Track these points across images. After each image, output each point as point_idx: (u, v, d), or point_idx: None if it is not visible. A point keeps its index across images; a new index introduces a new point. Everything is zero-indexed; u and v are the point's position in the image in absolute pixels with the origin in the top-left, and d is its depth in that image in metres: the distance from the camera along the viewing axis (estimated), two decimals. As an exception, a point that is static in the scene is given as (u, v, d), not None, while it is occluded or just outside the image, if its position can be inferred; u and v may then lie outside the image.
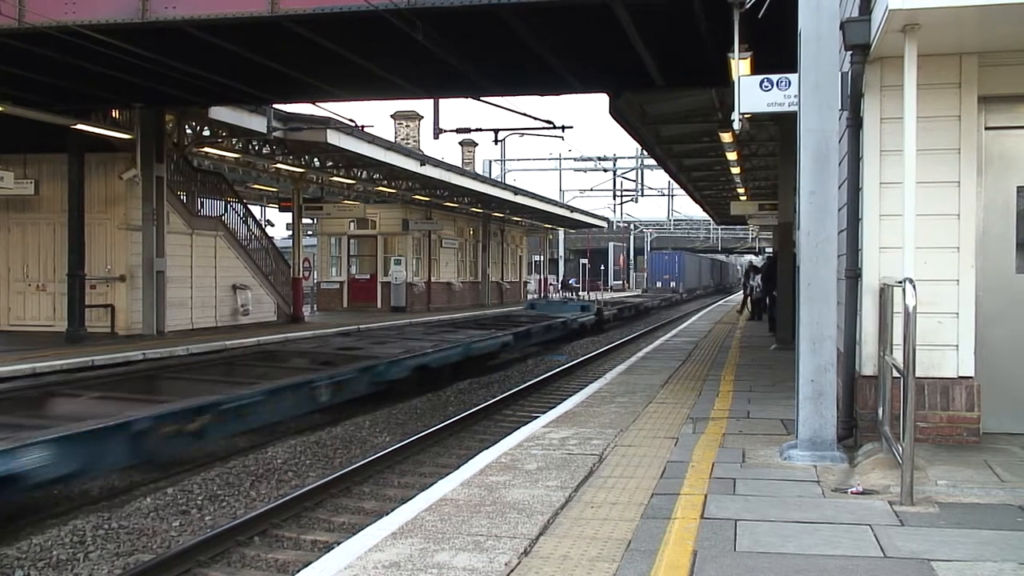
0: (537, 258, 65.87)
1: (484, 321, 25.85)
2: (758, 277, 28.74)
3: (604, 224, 62.84)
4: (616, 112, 18.74)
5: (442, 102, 21.56)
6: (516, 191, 41.33)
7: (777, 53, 10.29)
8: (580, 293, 64.21)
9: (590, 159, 54.08)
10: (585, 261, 75.42)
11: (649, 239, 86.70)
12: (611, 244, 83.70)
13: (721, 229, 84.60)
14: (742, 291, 38.66)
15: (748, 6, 9.91)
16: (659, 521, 5.20)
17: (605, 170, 54.59)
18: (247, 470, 10.17)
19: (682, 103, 20.76)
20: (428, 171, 30.10)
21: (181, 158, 23.33)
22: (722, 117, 18.72)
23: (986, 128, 6.96)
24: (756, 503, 5.60)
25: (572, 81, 14.98)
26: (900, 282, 5.73)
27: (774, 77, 9.20)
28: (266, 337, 21.05)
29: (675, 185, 51.68)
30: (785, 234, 18.76)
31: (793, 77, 8.41)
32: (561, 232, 67.18)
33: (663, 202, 76.87)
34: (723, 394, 10.63)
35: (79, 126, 18.86)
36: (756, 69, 10.81)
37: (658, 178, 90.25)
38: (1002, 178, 7.02)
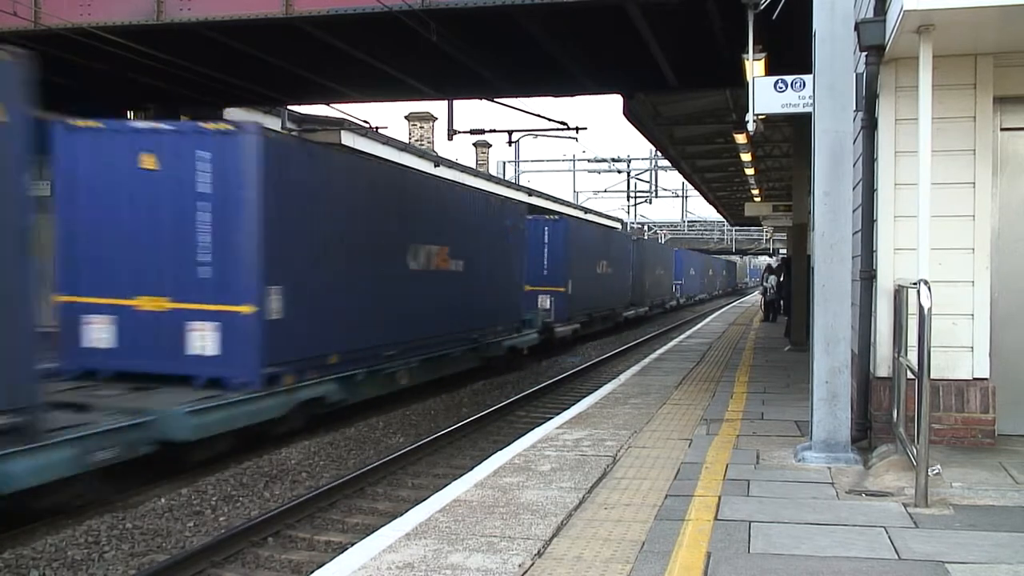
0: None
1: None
2: (772, 278, 28.71)
3: (618, 225, 62.66)
4: (630, 113, 18.72)
5: (456, 103, 21.50)
6: (530, 192, 41.33)
7: (791, 54, 10.26)
8: None
9: (604, 160, 53.76)
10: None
11: (663, 240, 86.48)
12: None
13: (735, 230, 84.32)
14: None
15: (762, 7, 9.88)
16: (673, 522, 5.19)
17: (619, 171, 54.24)
18: (261, 471, 10.21)
19: (696, 104, 20.71)
20: (442, 172, 30.12)
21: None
22: (736, 118, 18.65)
23: (1002, 129, 6.93)
24: (770, 505, 5.59)
25: (586, 82, 14.98)
26: (915, 283, 5.70)
27: (788, 78, 9.18)
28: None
29: (689, 186, 51.48)
30: (799, 235, 18.70)
31: (807, 78, 8.40)
32: (575, 233, 66.87)
33: (677, 203, 76.60)
34: (737, 395, 10.60)
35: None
36: (770, 70, 10.78)
37: (672, 179, 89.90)
38: (1018, 179, 6.99)
